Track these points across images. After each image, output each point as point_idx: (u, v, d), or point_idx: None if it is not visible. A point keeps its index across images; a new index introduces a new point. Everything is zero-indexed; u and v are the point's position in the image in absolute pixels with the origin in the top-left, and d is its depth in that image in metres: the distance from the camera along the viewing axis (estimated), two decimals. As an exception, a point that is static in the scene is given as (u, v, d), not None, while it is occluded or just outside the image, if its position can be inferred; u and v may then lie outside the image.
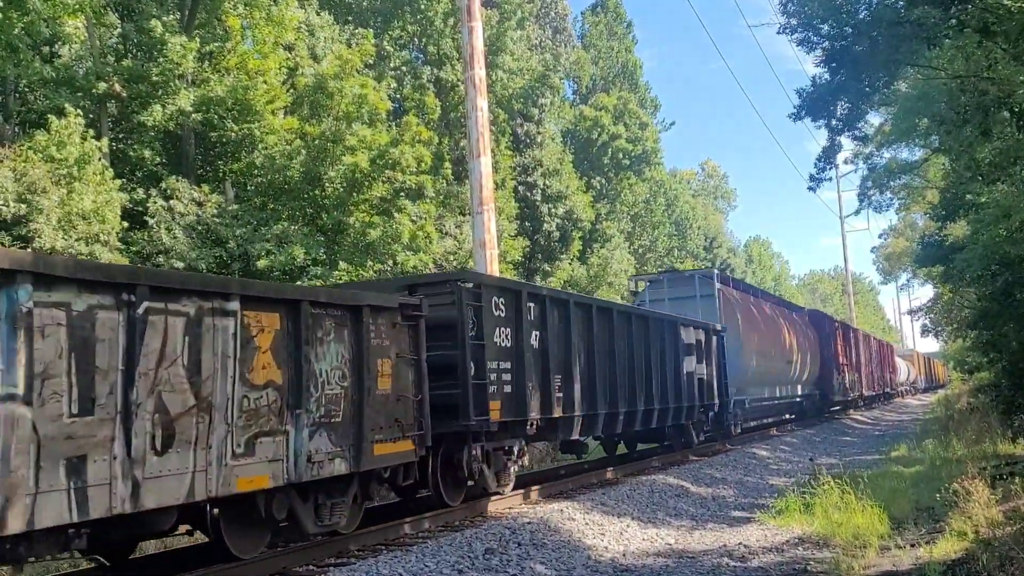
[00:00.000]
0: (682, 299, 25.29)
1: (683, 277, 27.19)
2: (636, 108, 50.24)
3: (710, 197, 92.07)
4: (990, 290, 23.07)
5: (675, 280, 26.91)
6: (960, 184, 23.13)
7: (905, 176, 37.12)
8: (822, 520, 12.66)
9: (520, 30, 38.15)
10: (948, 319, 47.84)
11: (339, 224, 23.50)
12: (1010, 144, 15.76)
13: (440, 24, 32.98)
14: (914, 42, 13.79)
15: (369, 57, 26.45)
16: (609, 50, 55.06)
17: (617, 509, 13.62)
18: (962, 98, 15.07)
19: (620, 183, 48.74)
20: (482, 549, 10.14)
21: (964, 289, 32.19)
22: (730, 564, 10.50)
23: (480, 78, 20.46)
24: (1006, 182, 18.06)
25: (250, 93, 23.08)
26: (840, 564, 9.92)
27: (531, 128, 37.93)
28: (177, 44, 21.62)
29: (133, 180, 22.37)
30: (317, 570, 9.19)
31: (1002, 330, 22.91)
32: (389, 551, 10.02)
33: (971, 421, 25.94)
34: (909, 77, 23.11)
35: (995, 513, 10.89)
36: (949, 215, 26.16)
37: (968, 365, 44.84)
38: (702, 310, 24.89)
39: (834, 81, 16.08)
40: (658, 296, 26.14)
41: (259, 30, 24.41)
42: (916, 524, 12.48)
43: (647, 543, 12.00)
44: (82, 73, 22.84)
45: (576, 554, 10.76)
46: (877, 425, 39.56)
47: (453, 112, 32.58)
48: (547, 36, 47.26)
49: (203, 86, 22.84)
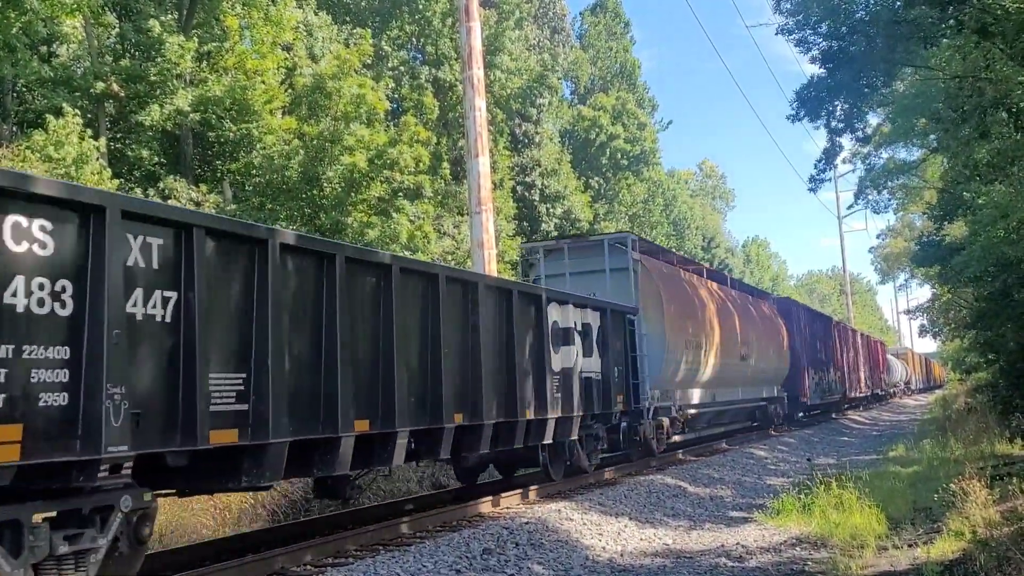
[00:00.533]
0: (588, 274, 19.70)
1: (589, 245, 20.81)
2: (634, 108, 50.31)
3: (708, 197, 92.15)
4: (988, 290, 23.13)
5: (579, 249, 20.62)
6: (958, 184, 23.17)
7: (903, 176, 37.17)
8: (820, 520, 12.66)
9: (518, 30, 38.19)
10: (946, 319, 47.91)
11: (337, 224, 23.48)
12: (1008, 144, 15.77)
13: (438, 24, 33.01)
14: (911, 42, 13.81)
15: (367, 57, 26.43)
16: (607, 50, 55.10)
17: (615, 509, 13.62)
18: (960, 98, 15.08)
19: (618, 183, 48.78)
20: (480, 549, 10.14)
21: (962, 289, 32.24)
22: (728, 564, 10.50)
23: (478, 78, 20.46)
24: (1004, 182, 18.08)
25: (248, 93, 23.06)
26: (838, 564, 9.92)
27: (529, 128, 37.98)
28: (175, 44, 21.61)
29: (131, 180, 22.35)
30: (315, 569, 9.18)
31: (1000, 330, 22.96)
32: (387, 551, 10.01)
33: (969, 421, 25.95)
34: (907, 77, 23.14)
35: (993, 513, 10.89)
36: (947, 215, 26.22)
37: (966, 365, 44.88)
38: (614, 287, 19.17)
39: (832, 80, 16.10)
40: (557, 270, 20.19)
41: (257, 30, 24.38)
42: (914, 524, 12.48)
43: (645, 543, 12.00)
44: (80, 73, 22.82)
45: (574, 554, 10.76)
46: (875, 425, 39.59)
47: (451, 112, 32.60)
48: (545, 36, 47.28)
49: (201, 86, 22.83)
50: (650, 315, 19.55)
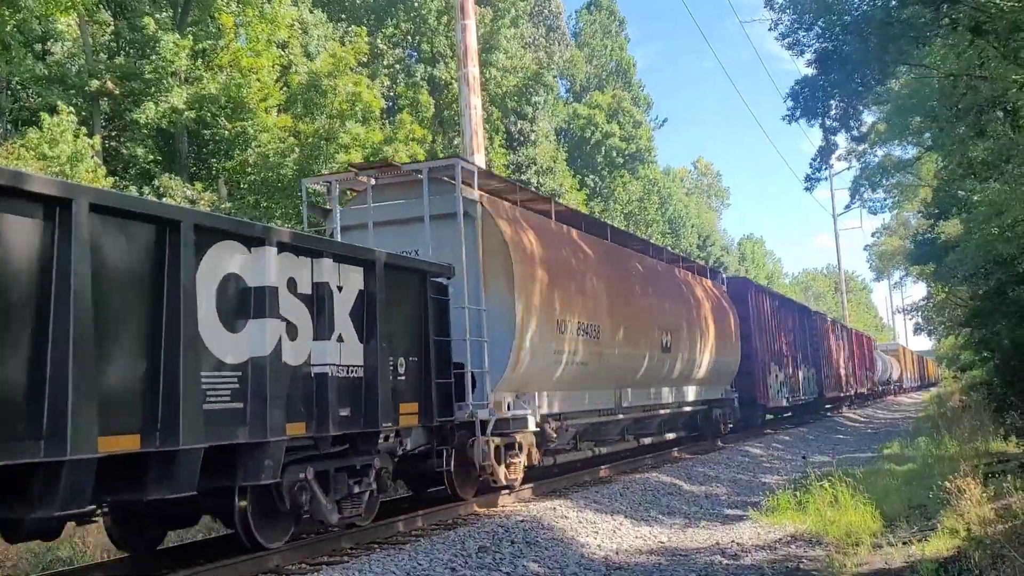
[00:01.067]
0: (402, 223, 13.61)
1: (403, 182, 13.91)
2: (630, 106, 50.34)
3: (703, 195, 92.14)
4: (982, 288, 23.16)
5: (395, 187, 14.04)
6: (952, 182, 23.18)
7: (898, 174, 37.20)
8: (815, 518, 12.68)
9: (514, 28, 38.17)
10: (940, 317, 47.95)
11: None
12: (1003, 143, 15.78)
13: (434, 22, 33.01)
14: (903, 41, 13.82)
15: (363, 55, 26.43)
16: (603, 48, 55.10)
17: (610, 507, 13.63)
18: (955, 96, 15.09)
19: (614, 181, 48.79)
20: (475, 547, 10.14)
21: (957, 287, 32.28)
22: (723, 562, 10.51)
23: (474, 76, 20.47)
24: (999, 180, 18.10)
25: (243, 91, 23.05)
26: (833, 561, 9.95)
27: (525, 126, 37.98)
28: (170, 42, 21.60)
29: (126, 178, 22.33)
30: (310, 568, 9.18)
31: (994, 328, 22.96)
32: (382, 549, 10.02)
33: (963, 419, 25.98)
34: (902, 76, 23.17)
35: (987, 511, 10.91)
36: (942, 213, 26.24)
37: (960, 363, 44.95)
38: (441, 241, 13.01)
39: (826, 79, 16.10)
40: (359, 219, 13.74)
41: (252, 28, 24.37)
42: (908, 522, 12.51)
43: (640, 541, 12.02)
44: (75, 70, 22.81)
45: (569, 552, 10.76)
46: (870, 423, 39.68)
47: (447, 110, 32.59)
48: (541, 34, 47.27)
49: (196, 84, 22.81)
50: (494, 281, 13.37)
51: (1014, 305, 21.03)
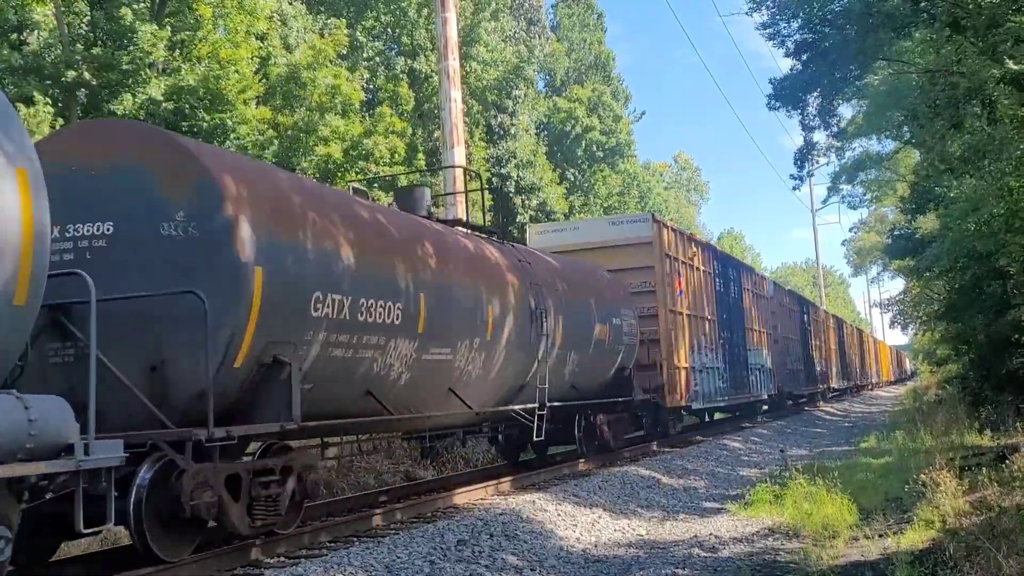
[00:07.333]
0: None
1: None
2: (610, 100, 50.35)
3: (683, 190, 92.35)
4: (958, 283, 23.34)
5: None
6: (929, 177, 23.35)
7: (875, 170, 37.43)
8: (792, 511, 12.74)
9: (494, 21, 38.11)
10: (916, 312, 48.31)
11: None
12: (979, 138, 15.90)
13: (414, 15, 32.88)
14: (881, 31, 13.91)
15: (342, 47, 26.32)
16: (582, 42, 55.05)
17: (589, 500, 13.66)
18: (934, 92, 15.19)
19: (594, 175, 48.78)
20: (454, 540, 10.14)
21: (933, 282, 32.52)
22: (700, 555, 10.55)
23: (454, 69, 20.43)
24: (975, 176, 18.24)
25: (222, 82, 22.86)
26: (809, 554, 10.00)
27: (505, 119, 37.90)
28: (148, 32, 21.39)
29: (103, 169, 22.15)
30: (289, 562, 9.15)
31: (970, 323, 23.16)
32: (361, 542, 10.00)
33: (939, 412, 26.20)
34: (881, 70, 23.30)
35: (962, 503, 11.01)
36: (919, 209, 26.42)
37: (936, 358, 45.31)
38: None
39: (806, 72, 16.21)
40: None
41: (231, 19, 24.18)
42: (885, 514, 12.58)
43: (618, 534, 12.04)
44: (51, 61, 22.57)
45: (548, 545, 10.78)
46: (847, 417, 39.94)
47: (427, 103, 32.49)
48: (521, 28, 47.21)
49: (174, 75, 22.63)
50: None
51: (989, 300, 21.23)
